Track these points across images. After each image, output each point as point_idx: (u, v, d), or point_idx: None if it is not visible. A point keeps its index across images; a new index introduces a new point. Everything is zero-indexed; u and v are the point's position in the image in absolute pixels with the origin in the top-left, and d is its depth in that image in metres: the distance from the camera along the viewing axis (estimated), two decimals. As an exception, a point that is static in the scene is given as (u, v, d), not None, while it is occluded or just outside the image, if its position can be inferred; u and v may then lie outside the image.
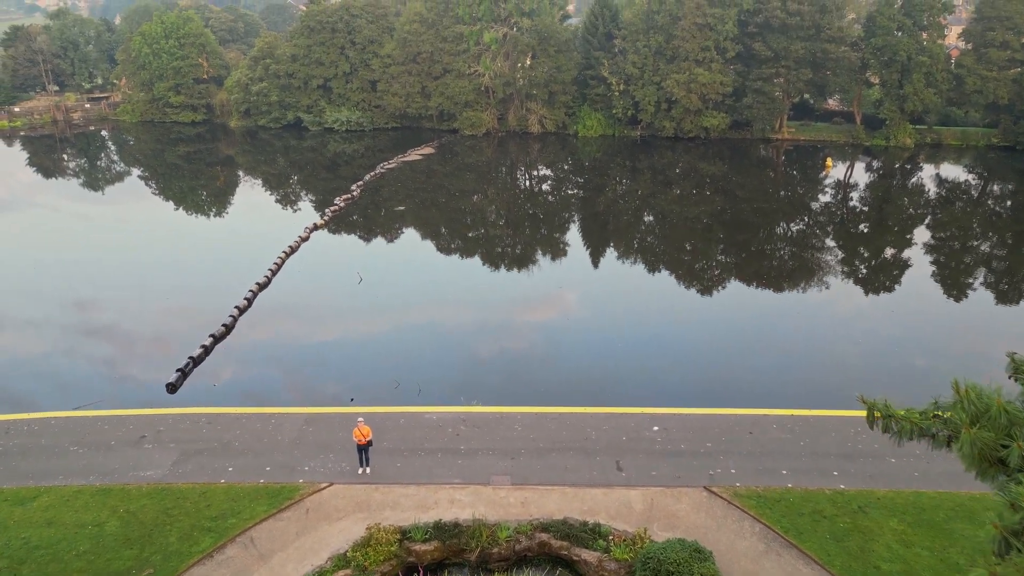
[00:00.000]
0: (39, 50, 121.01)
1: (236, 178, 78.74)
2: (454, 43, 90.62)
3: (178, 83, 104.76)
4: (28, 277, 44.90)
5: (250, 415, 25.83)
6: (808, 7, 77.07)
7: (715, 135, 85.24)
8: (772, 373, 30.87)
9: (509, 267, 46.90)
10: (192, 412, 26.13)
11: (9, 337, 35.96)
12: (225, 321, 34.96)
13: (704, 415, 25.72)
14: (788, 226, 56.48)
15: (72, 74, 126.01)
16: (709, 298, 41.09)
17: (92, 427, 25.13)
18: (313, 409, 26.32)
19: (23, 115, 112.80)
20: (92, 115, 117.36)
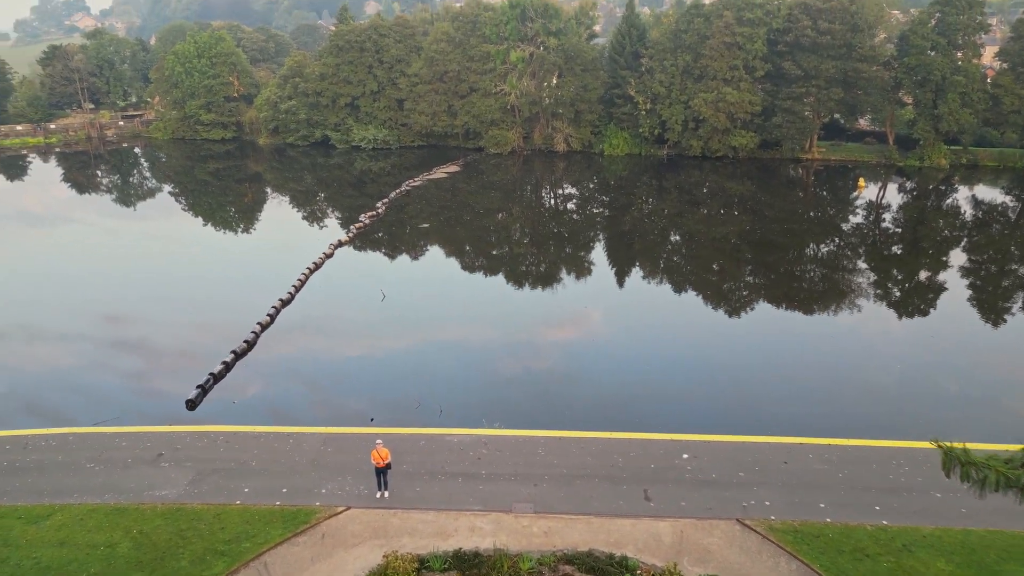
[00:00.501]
0: (76, 69, 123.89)
1: (264, 195, 79.32)
2: (481, 62, 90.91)
3: (209, 101, 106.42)
4: (58, 290, 45.21)
5: (268, 434, 25.33)
6: (839, 26, 76.06)
7: (743, 155, 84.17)
8: (806, 399, 29.70)
9: (533, 285, 46.21)
10: (210, 430, 25.70)
11: (36, 349, 36.04)
12: (247, 337, 34.67)
13: (736, 443, 24.69)
14: (818, 247, 55.14)
15: (107, 92, 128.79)
16: (737, 320, 39.97)
17: (110, 443, 24.80)
18: (332, 429, 25.74)
19: (59, 132, 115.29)
20: (125, 132, 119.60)
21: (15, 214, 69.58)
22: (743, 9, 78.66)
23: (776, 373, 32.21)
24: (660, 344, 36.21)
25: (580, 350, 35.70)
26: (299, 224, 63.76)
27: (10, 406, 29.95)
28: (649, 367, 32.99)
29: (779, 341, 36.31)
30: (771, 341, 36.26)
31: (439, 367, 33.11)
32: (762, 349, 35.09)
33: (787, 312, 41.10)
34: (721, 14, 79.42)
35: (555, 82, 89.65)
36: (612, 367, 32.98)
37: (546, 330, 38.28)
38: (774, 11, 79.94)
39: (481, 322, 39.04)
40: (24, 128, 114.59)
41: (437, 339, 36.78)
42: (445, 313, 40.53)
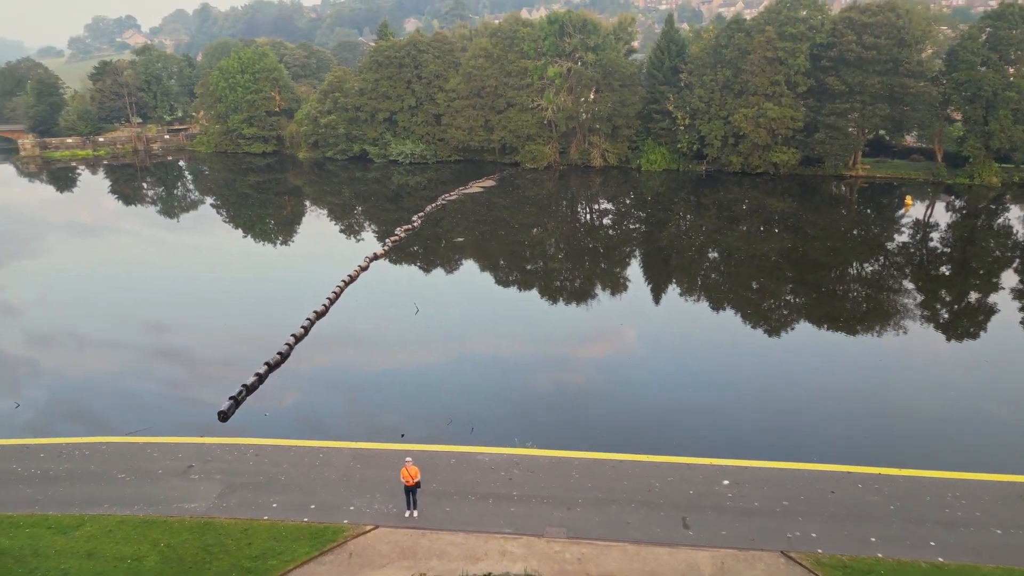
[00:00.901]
0: (124, 84, 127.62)
1: (302, 208, 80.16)
2: (518, 77, 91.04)
3: (251, 115, 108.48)
4: (103, 298, 46.01)
5: (298, 448, 25.05)
6: (886, 40, 74.32)
7: (784, 171, 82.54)
8: (852, 425, 28.42)
9: (568, 301, 45.52)
10: (240, 443, 25.53)
11: (77, 356, 36.55)
12: (281, 349, 34.63)
13: (779, 470, 23.62)
14: (862, 266, 53.37)
15: (154, 107, 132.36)
16: (777, 340, 38.70)
17: (142, 454, 24.78)
18: (362, 444, 25.35)
19: (107, 144, 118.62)
20: (170, 145, 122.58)
21: (66, 224, 71.39)
22: (785, 24, 77.45)
23: (819, 397, 30.97)
24: (697, 364, 35.18)
25: (615, 368, 34.88)
26: (336, 237, 64.19)
27: (50, 413, 30.28)
28: (686, 387, 32.02)
29: (822, 363, 34.99)
30: (813, 363, 34.97)
31: (471, 383, 32.62)
32: (804, 371, 33.86)
33: (830, 333, 39.70)
34: (763, 29, 78.32)
35: (592, 97, 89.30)
36: (648, 387, 32.10)
37: (580, 347, 37.55)
38: (818, 26, 78.54)
39: (514, 337, 38.48)
40: (74, 141, 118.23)
41: (470, 354, 36.33)
42: (478, 328, 40.10)
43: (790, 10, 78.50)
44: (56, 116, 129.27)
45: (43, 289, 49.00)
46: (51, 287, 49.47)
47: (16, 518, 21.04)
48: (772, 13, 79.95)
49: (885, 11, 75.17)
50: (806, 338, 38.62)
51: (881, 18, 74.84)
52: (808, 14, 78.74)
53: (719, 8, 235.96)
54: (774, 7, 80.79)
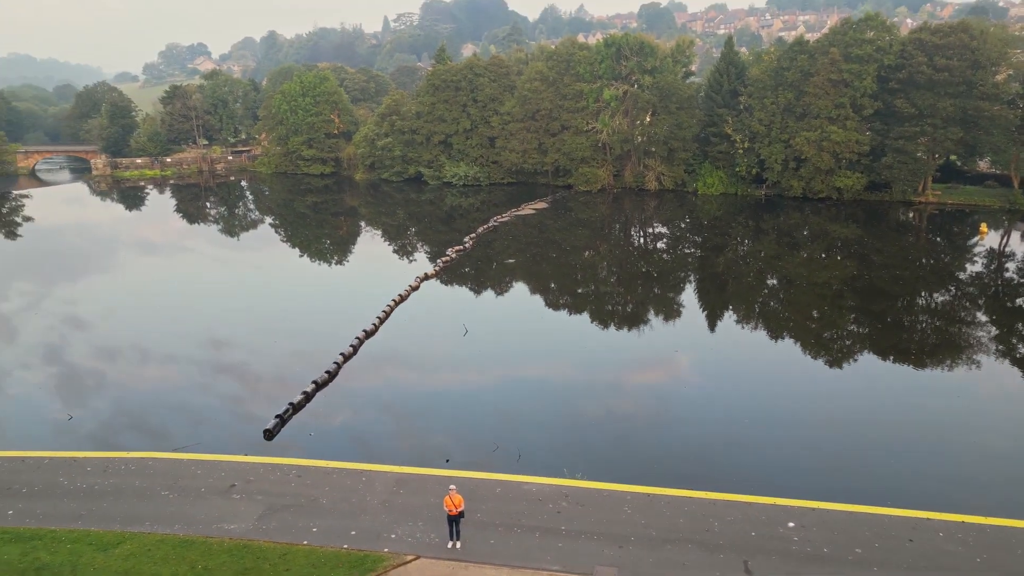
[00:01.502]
0: (193, 107, 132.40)
1: (357, 228, 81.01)
2: (573, 100, 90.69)
3: (311, 137, 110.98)
4: (162, 315, 46.87)
5: (341, 470, 24.44)
6: (958, 62, 71.21)
7: (848, 196, 79.55)
8: (927, 465, 26.32)
9: (619, 326, 44.21)
10: (283, 463, 25.09)
11: (134, 370, 37.04)
12: (329, 368, 34.36)
13: (850, 513, 21.83)
14: (932, 297, 50.49)
15: (220, 129, 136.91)
16: (839, 371, 36.49)
17: (186, 471, 24.56)
18: (405, 469, 24.58)
19: (173, 165, 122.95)
20: (233, 166, 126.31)
21: (133, 242, 73.63)
22: (851, 46, 75.14)
23: (888, 434, 28.85)
24: (756, 395, 33.40)
25: (669, 398, 33.40)
26: (388, 257, 64.39)
27: (102, 425, 30.55)
28: (745, 420, 30.31)
29: (889, 398, 32.76)
30: (880, 397, 32.75)
31: (519, 407, 31.63)
32: (870, 406, 31.71)
33: (897, 366, 37.32)
34: (827, 51, 76.13)
35: (648, 120, 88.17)
36: (704, 418, 30.53)
37: (632, 373, 36.21)
38: (885, 47, 75.88)
39: (565, 362, 37.38)
40: (143, 161, 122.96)
41: (518, 378, 35.40)
42: (528, 351, 39.17)
43: (856, 32, 76.18)
44: (127, 138, 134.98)
45: (110, 304, 50.29)
46: (118, 302, 50.74)
47: (59, 533, 20.93)
48: (837, 35, 77.76)
49: (958, 32, 72.20)
50: (872, 371, 36.37)
51: (953, 39, 71.85)
52: (875, 35, 76.19)
53: (779, 32, 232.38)
54: (839, 29, 78.62)
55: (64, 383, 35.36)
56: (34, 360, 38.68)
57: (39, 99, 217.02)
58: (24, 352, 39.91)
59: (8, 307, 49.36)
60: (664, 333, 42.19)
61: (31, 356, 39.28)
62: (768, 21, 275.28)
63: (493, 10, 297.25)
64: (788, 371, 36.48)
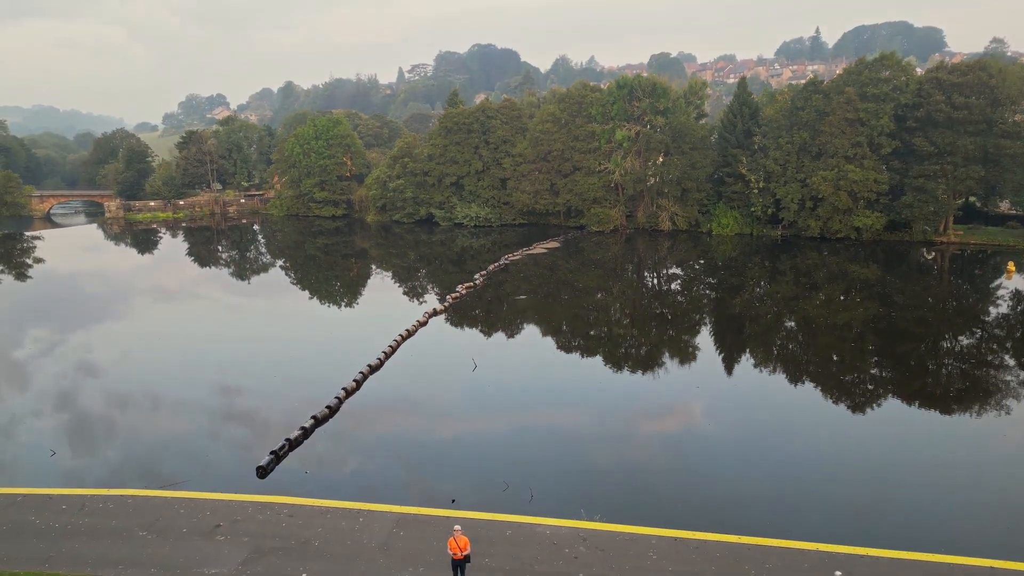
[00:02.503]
0: (208, 152, 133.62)
1: (368, 270, 79.71)
2: (585, 141, 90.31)
3: (323, 180, 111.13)
4: (156, 351, 45.35)
5: (335, 510, 22.36)
6: (977, 100, 70.18)
7: (867, 236, 77.73)
8: (969, 511, 23.82)
9: (634, 369, 41.96)
10: (274, 501, 23.06)
11: (123, 407, 35.28)
12: (330, 403, 32.47)
13: (905, 561, 19.46)
14: (958, 339, 47.95)
15: (233, 173, 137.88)
16: (863, 416, 33.88)
17: (168, 510, 22.58)
18: (406, 509, 22.48)
19: (186, 208, 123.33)
20: (245, 209, 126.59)
21: (146, 287, 72.41)
22: (867, 85, 74.43)
23: (921, 479, 26.43)
24: (780, 437, 30.98)
25: (689, 439, 31.19)
26: (398, 297, 62.88)
27: (86, 461, 28.70)
28: (770, 462, 27.98)
29: (918, 442, 30.28)
30: (909, 442, 30.22)
31: (531, 446, 29.52)
32: (899, 450, 29.17)
33: (924, 411, 34.78)
34: (842, 90, 75.44)
35: (661, 160, 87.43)
36: (727, 460, 28.19)
37: (650, 414, 34.06)
38: (902, 86, 75.10)
39: (578, 400, 35.30)
40: (156, 204, 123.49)
41: (530, 416, 33.30)
42: (539, 389, 37.17)
43: (871, 71, 75.58)
44: (143, 182, 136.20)
45: (106, 340, 48.90)
46: (117, 338, 49.35)
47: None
48: (852, 75, 77.20)
49: (975, 70, 71.40)
50: (898, 415, 33.74)
51: (971, 77, 70.99)
52: (891, 75, 75.53)
53: (789, 80, 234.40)
54: (854, 69, 78.11)
55: (51, 419, 33.62)
56: (18, 395, 37.04)
57: (59, 147, 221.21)
58: (10, 388, 38.30)
59: (3, 345, 48.03)
60: (680, 376, 39.96)
61: (17, 391, 37.66)
62: (777, 71, 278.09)
63: (505, 61, 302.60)
64: (810, 415, 34.02)
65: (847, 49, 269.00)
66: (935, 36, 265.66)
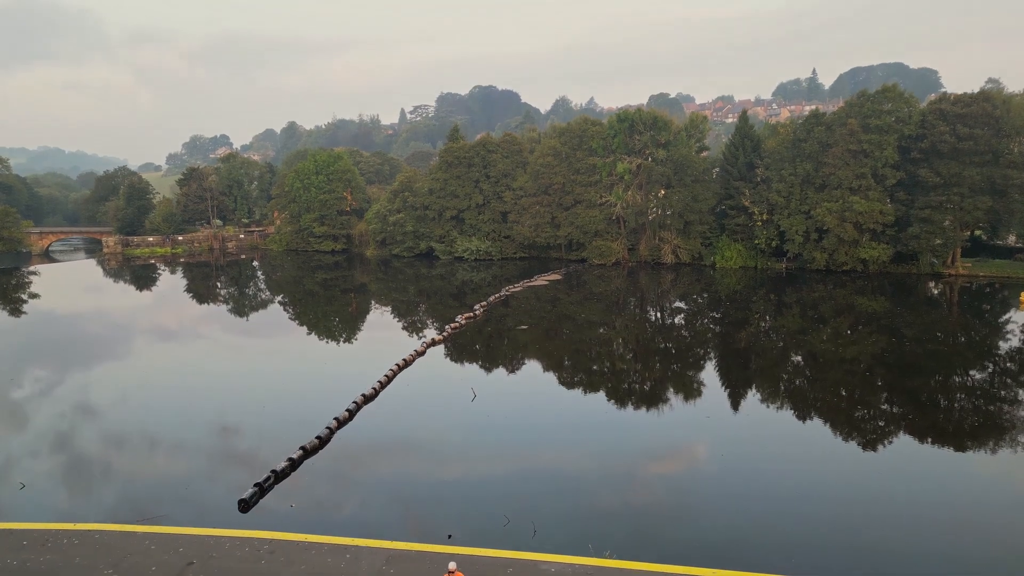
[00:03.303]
0: (208, 188, 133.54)
1: (367, 306, 78.05)
2: (586, 174, 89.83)
3: (323, 214, 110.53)
4: (143, 382, 43.65)
5: (321, 545, 20.48)
6: (982, 131, 69.59)
7: (874, 268, 76.51)
8: (991, 553, 21.87)
9: (637, 405, 39.99)
10: (255, 536, 21.19)
11: (104, 438, 33.45)
12: (320, 433, 30.67)
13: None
14: (969, 373, 45.99)
15: (234, 209, 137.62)
16: (873, 454, 31.66)
17: (138, 546, 20.71)
18: (398, 544, 20.60)
19: (185, 243, 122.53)
20: (245, 244, 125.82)
21: (145, 324, 71.19)
22: (869, 116, 74.00)
23: (937, 517, 24.54)
24: (787, 474, 28.99)
25: (696, 475, 29.34)
26: (396, 331, 61.21)
27: (58, 495, 26.81)
28: (779, 499, 26.10)
29: (930, 481, 28.35)
30: (921, 480, 28.30)
31: (533, 479, 27.64)
32: (912, 488, 27.25)
33: (936, 448, 32.79)
34: (844, 122, 75.02)
35: (663, 193, 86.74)
36: (735, 496, 26.26)
37: (656, 452, 32.20)
38: (905, 118, 74.69)
39: (581, 434, 33.48)
40: (155, 239, 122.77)
41: (532, 448, 31.48)
42: (539, 419, 35.40)
43: (874, 103, 75.27)
44: (143, 219, 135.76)
45: (92, 372, 47.24)
46: (103, 370, 47.67)
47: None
48: (854, 107, 76.90)
49: (979, 101, 71.02)
50: (909, 452, 31.71)
51: (975, 108, 70.56)
52: (893, 107, 75.19)
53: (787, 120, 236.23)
54: (855, 101, 77.85)
55: (24, 449, 31.76)
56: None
57: (61, 186, 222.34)
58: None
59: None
60: (683, 412, 38.05)
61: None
62: (775, 111, 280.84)
63: (506, 102, 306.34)
64: (818, 451, 32.01)
65: (843, 90, 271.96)
66: (931, 77, 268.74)
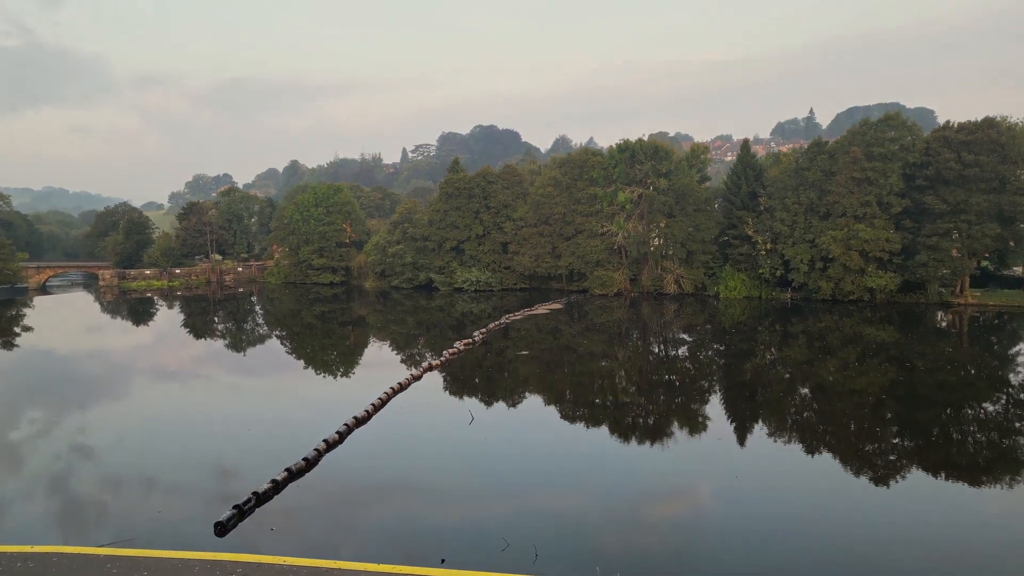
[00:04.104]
0: (208, 223, 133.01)
1: (365, 339, 76.26)
2: (587, 204, 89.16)
3: (322, 246, 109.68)
4: (129, 403, 41.87)
5: (300, 568, 18.60)
6: (987, 157, 68.88)
7: (881, 298, 75.02)
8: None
9: (641, 440, 37.97)
10: (228, 559, 19.31)
11: (80, 458, 31.56)
12: (308, 455, 28.85)
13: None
14: (983, 405, 43.95)
15: (233, 244, 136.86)
16: (886, 490, 29.75)
17: (99, 570, 18.83)
18: (386, 567, 18.72)
19: (182, 276, 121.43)
20: (243, 277, 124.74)
21: (134, 358, 69.70)
22: (872, 144, 73.40)
23: (955, 557, 22.64)
24: (797, 512, 27.18)
25: (704, 511, 27.45)
26: (394, 360, 59.55)
27: (22, 517, 24.89)
28: (790, 538, 24.24)
29: (946, 518, 26.44)
30: (936, 518, 26.39)
31: (535, 503, 25.75)
32: (928, 528, 25.36)
33: (950, 483, 30.75)
34: (847, 150, 74.42)
35: (664, 224, 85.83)
36: (743, 533, 24.45)
37: (661, 489, 30.35)
38: (909, 146, 74.11)
39: (580, 471, 31.65)
40: (151, 272, 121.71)
41: (532, 473, 29.61)
42: (541, 446, 33.55)
43: (876, 131, 74.80)
44: (141, 253, 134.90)
45: (73, 392, 45.46)
46: (92, 399, 45.87)
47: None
48: (856, 135, 76.40)
49: (984, 128, 70.47)
50: (922, 488, 29.75)
51: (980, 135, 69.98)
52: (897, 135, 74.69)
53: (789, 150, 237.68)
54: (858, 130, 77.40)
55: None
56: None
57: (63, 223, 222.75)
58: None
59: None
60: (688, 446, 36.16)
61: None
62: (773, 149, 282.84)
63: (507, 140, 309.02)
64: (828, 487, 30.08)
65: (841, 129, 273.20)
66: (927, 116, 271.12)
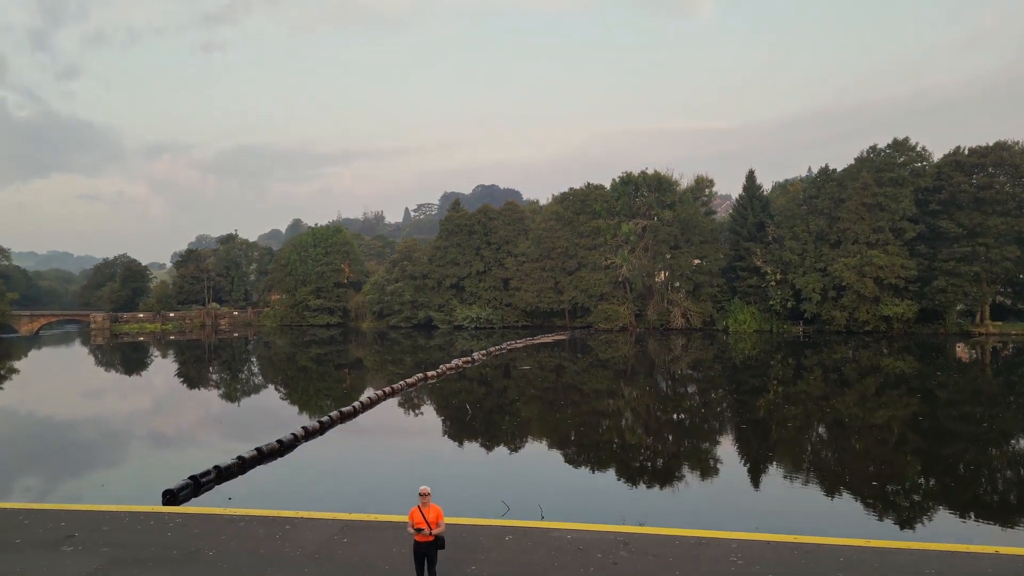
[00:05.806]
0: (205, 270, 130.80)
1: (362, 382, 72.44)
2: (590, 237, 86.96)
3: (319, 287, 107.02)
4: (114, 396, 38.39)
5: (251, 518, 15.19)
6: (1002, 179, 67.03)
7: (898, 328, 71.65)
8: None
9: (650, 483, 34.12)
10: (164, 511, 15.93)
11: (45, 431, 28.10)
12: (283, 437, 25.48)
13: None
14: (1011, 440, 40.01)
15: (230, 291, 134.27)
16: (911, 533, 25.80)
17: (12, 520, 15.44)
18: (356, 516, 15.31)
19: (175, 320, 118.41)
20: (238, 321, 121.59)
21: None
22: (882, 170, 71.69)
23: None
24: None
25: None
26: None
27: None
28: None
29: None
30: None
31: (539, 467, 22.27)
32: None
33: (980, 524, 26.88)
34: (857, 176, 72.69)
35: (670, 256, 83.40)
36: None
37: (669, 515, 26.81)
38: (920, 170, 72.38)
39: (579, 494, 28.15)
40: (145, 316, 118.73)
41: (536, 440, 26.12)
42: (541, 427, 30.10)
43: (886, 157, 73.26)
44: (138, 300, 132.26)
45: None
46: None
47: None
48: (865, 162, 74.83)
49: (996, 151, 68.90)
50: (947, 528, 25.96)
51: (992, 158, 68.35)
52: (907, 159, 73.09)
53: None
54: (867, 156, 75.88)
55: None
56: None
57: (62, 279, 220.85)
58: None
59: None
60: (699, 489, 32.48)
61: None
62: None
63: (508, 199, 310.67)
64: (849, 529, 26.25)
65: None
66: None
